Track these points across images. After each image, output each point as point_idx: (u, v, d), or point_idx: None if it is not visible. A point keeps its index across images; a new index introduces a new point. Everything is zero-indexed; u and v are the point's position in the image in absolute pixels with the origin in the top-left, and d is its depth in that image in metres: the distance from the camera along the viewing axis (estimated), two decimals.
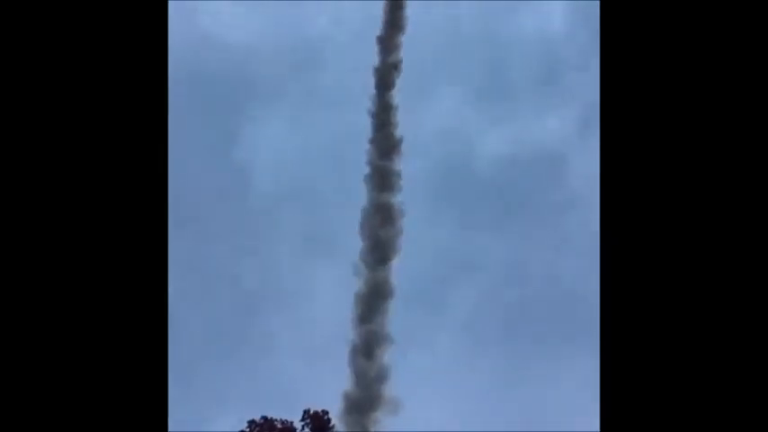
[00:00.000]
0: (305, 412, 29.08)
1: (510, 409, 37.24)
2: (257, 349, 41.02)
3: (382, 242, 27.89)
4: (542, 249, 44.87)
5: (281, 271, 45.47)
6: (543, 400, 38.74)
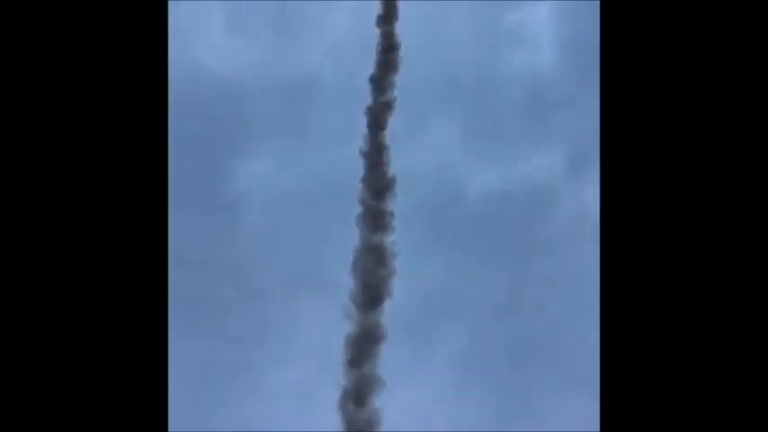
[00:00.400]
0: None
1: None
2: (243, 389, 40.48)
3: (374, 284, 27.69)
4: (533, 286, 44.74)
5: (270, 308, 45.05)
6: None
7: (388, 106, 29.31)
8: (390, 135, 29.64)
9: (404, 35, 30.03)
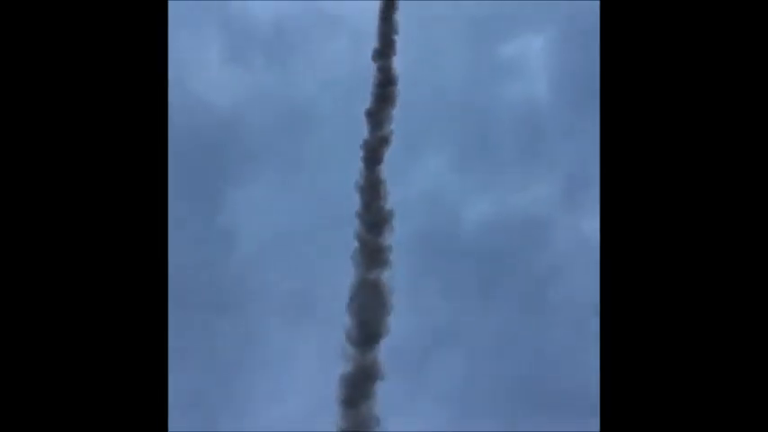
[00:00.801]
0: None
1: None
2: (234, 423, 39.96)
3: (371, 322, 27.34)
4: (529, 318, 44.48)
5: (263, 338, 44.64)
6: None
7: (385, 140, 29.16)
8: (385, 166, 29.54)
9: (399, 64, 30.02)
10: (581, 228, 45.52)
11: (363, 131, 29.58)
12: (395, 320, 29.39)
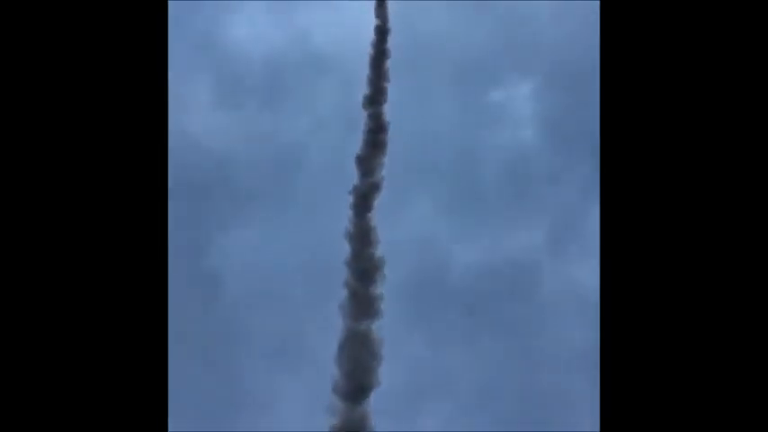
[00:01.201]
0: None
1: None
2: None
3: (360, 375, 26.78)
4: (516, 364, 44.19)
5: (248, 383, 44.01)
6: None
7: (376, 187, 29.06)
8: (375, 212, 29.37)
9: (388, 110, 30.08)
10: (568, 274, 45.58)
11: (353, 174, 29.53)
12: (382, 368, 28.96)
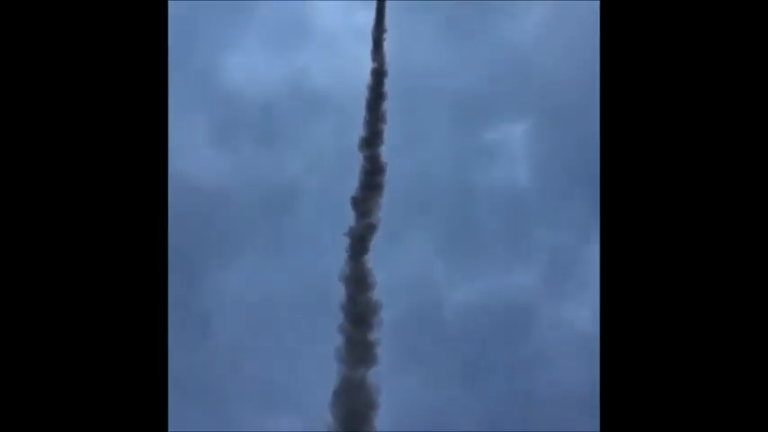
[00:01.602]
0: None
1: None
2: None
3: (355, 422, 26.14)
4: (513, 405, 43.70)
5: (239, 426, 43.26)
6: None
7: (373, 228, 28.72)
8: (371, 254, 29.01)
9: (384, 151, 29.86)
10: (564, 314, 45.38)
11: (348, 215, 29.24)
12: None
